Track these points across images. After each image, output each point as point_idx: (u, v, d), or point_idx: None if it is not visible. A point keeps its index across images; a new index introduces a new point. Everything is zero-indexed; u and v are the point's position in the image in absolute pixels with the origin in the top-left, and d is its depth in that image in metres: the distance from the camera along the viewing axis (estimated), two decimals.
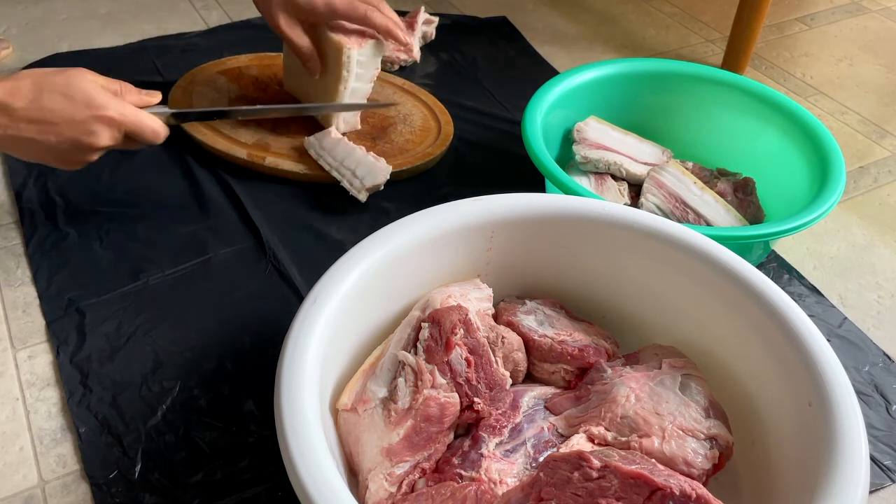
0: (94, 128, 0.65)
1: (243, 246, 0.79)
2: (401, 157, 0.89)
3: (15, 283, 0.74)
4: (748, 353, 0.57)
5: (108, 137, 0.66)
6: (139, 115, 0.68)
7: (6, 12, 1.13)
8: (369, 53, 0.84)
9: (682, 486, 0.44)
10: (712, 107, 0.89)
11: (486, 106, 1.02)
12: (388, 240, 0.58)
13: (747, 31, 1.08)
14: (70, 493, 0.58)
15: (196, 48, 1.07)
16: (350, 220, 0.83)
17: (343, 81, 0.84)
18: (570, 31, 1.21)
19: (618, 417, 0.54)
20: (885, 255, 0.85)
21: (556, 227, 0.63)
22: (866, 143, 1.02)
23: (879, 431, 0.66)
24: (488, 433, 0.55)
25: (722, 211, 0.79)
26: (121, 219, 0.80)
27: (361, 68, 0.84)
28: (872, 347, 0.74)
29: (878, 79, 1.15)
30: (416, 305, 0.60)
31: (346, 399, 0.55)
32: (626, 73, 0.90)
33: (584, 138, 0.85)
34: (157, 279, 0.74)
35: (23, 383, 0.66)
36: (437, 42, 1.13)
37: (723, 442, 0.53)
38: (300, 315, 0.52)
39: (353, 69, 0.83)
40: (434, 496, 0.50)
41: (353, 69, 0.83)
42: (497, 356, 0.58)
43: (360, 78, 0.85)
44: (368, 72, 0.86)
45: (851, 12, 1.32)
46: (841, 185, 0.74)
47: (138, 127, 0.68)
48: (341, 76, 0.84)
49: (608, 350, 0.62)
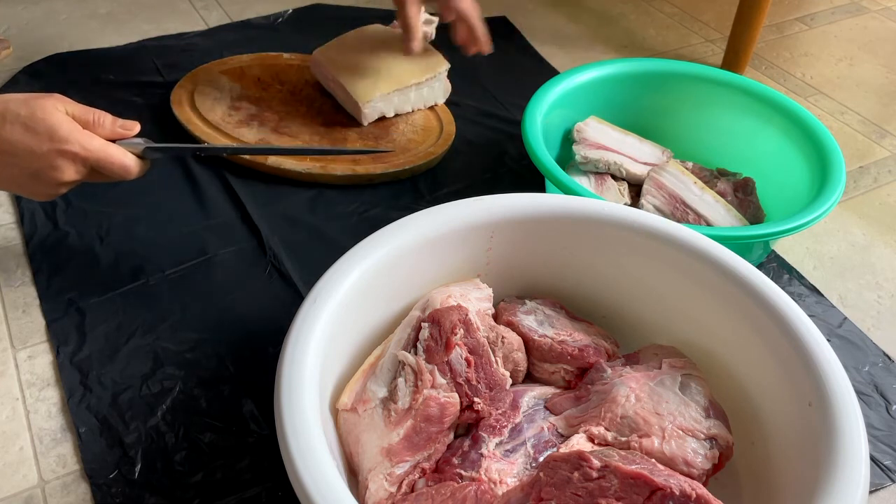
0: (57, 162, 0.62)
1: (243, 246, 0.79)
2: (403, 156, 0.89)
3: (15, 283, 0.74)
4: (748, 353, 0.57)
5: (73, 172, 0.63)
6: (107, 150, 0.64)
7: (6, 12, 1.13)
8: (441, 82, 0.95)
9: (682, 486, 0.44)
10: (712, 107, 0.89)
11: (486, 106, 1.02)
12: (388, 240, 0.58)
13: (747, 31, 1.08)
14: (70, 493, 0.58)
15: (196, 48, 1.07)
16: (350, 220, 0.83)
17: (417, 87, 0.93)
18: (570, 31, 1.21)
19: (618, 417, 0.54)
20: (885, 255, 0.85)
21: (556, 227, 0.63)
22: (866, 143, 1.02)
23: (879, 431, 0.66)
24: (488, 433, 0.55)
25: (722, 211, 0.79)
26: (121, 219, 0.80)
27: (438, 81, 0.95)
28: (872, 347, 0.74)
29: (878, 79, 1.15)
30: (416, 305, 0.60)
31: (346, 399, 0.55)
32: (626, 73, 0.90)
33: (584, 138, 0.85)
34: (157, 279, 0.74)
35: (23, 383, 0.66)
36: (437, 42, 1.13)
37: (723, 442, 0.53)
38: (300, 315, 0.52)
39: (441, 80, 0.95)
40: (434, 496, 0.50)
41: (441, 80, 0.95)
42: (497, 356, 0.58)
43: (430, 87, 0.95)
44: (435, 90, 0.96)
45: (851, 12, 1.32)
46: (841, 185, 0.74)
47: (105, 162, 0.64)
48: (423, 80, 0.93)
49: (608, 350, 0.62)
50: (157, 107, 0.95)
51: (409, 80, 0.92)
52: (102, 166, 0.64)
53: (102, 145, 0.64)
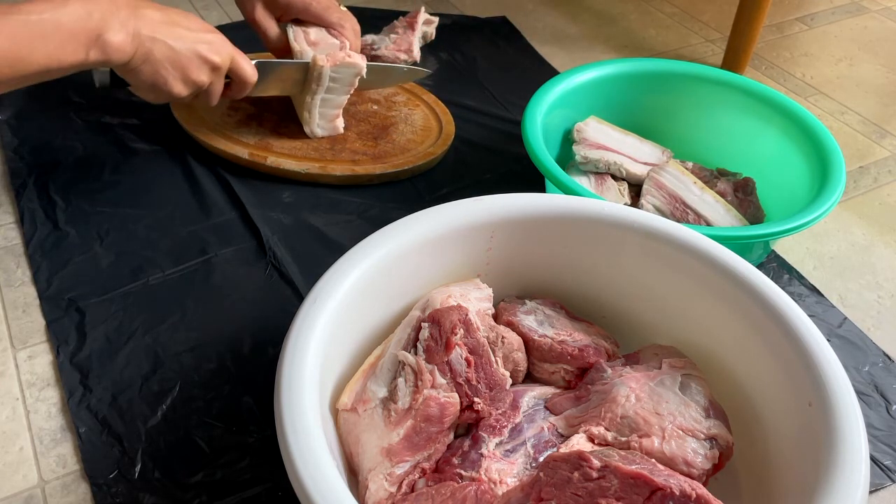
0: (214, 41, 0.72)
1: (243, 246, 0.79)
2: (402, 156, 0.89)
3: (15, 283, 0.74)
4: (748, 353, 0.57)
5: (220, 59, 0.72)
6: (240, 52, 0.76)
7: None
8: (344, 72, 0.84)
9: (682, 486, 0.44)
10: (712, 107, 0.89)
11: (486, 106, 1.02)
12: (388, 240, 0.58)
13: (747, 31, 1.08)
14: (70, 493, 0.59)
15: None
16: (350, 221, 0.83)
17: (311, 94, 0.86)
18: (570, 31, 1.21)
19: (618, 417, 0.54)
20: (885, 255, 0.85)
21: (556, 227, 0.63)
22: (866, 143, 1.02)
23: (879, 431, 0.66)
24: (488, 433, 0.55)
25: (722, 211, 0.79)
26: (121, 219, 0.80)
27: (335, 83, 0.85)
28: (872, 347, 0.74)
29: (878, 79, 1.15)
30: (416, 305, 0.60)
31: (346, 399, 0.55)
32: (626, 73, 0.89)
33: (584, 138, 0.85)
34: (157, 279, 0.74)
35: (23, 383, 0.66)
36: (437, 42, 1.13)
37: (723, 442, 0.53)
38: (300, 315, 0.52)
39: (324, 83, 0.85)
40: (434, 496, 0.50)
41: (324, 83, 0.85)
42: (497, 356, 0.58)
43: (331, 91, 0.86)
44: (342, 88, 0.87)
45: (851, 12, 1.32)
46: (841, 186, 0.74)
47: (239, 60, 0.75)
48: (310, 88, 0.85)
49: (608, 350, 0.62)
50: (156, 107, 0.95)
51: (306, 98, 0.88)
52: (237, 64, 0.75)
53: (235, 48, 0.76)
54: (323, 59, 0.83)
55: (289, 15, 0.85)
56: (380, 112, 0.96)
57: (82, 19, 0.62)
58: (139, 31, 0.66)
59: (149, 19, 0.67)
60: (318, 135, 0.90)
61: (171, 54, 0.69)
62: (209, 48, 0.71)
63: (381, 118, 0.95)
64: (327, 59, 0.83)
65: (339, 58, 0.83)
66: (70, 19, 0.61)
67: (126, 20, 0.64)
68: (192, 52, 0.70)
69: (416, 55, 1.07)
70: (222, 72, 0.75)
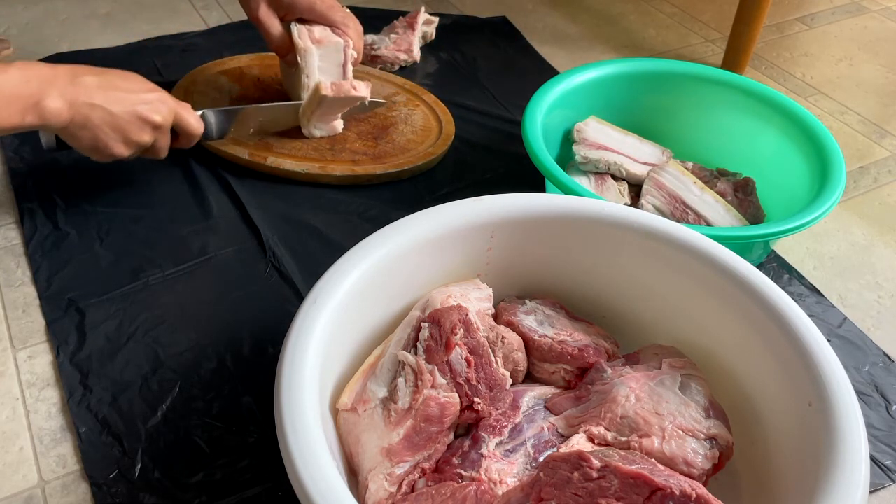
0: (154, 101, 0.72)
1: (243, 246, 0.79)
2: (402, 156, 0.89)
3: (15, 283, 0.74)
4: (748, 353, 0.57)
5: (161, 118, 0.73)
6: (184, 105, 0.77)
7: (6, 12, 1.13)
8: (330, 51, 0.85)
9: (682, 486, 0.44)
10: (712, 107, 0.89)
11: (486, 106, 1.02)
12: (388, 240, 0.58)
13: (747, 31, 1.08)
14: (70, 493, 0.58)
15: (196, 48, 1.07)
16: (350, 221, 0.83)
17: (309, 115, 0.87)
18: (570, 31, 1.21)
19: (618, 417, 0.54)
20: (885, 255, 0.85)
21: (556, 227, 0.63)
22: (866, 143, 1.02)
23: (879, 431, 0.66)
24: (488, 433, 0.55)
25: (722, 211, 0.79)
26: (121, 219, 0.80)
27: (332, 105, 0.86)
28: (872, 347, 0.74)
29: (878, 79, 1.15)
30: (416, 305, 0.60)
31: (346, 399, 0.55)
32: (626, 73, 0.89)
33: (584, 138, 0.85)
34: (157, 279, 0.74)
35: (23, 383, 0.66)
36: (437, 42, 1.13)
37: (723, 442, 0.53)
38: (300, 315, 0.52)
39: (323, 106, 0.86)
40: (434, 496, 0.50)
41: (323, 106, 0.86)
42: (497, 356, 0.58)
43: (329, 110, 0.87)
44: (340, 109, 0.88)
45: (851, 12, 1.32)
46: (841, 186, 0.74)
47: (183, 114, 0.76)
48: (309, 108, 0.87)
49: (608, 350, 0.62)
50: None
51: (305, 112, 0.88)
52: (180, 119, 0.76)
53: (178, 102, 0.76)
54: (327, 87, 0.83)
55: (292, 14, 0.85)
56: (380, 112, 0.96)
57: (21, 85, 0.64)
58: (76, 98, 0.67)
59: (86, 86, 0.68)
60: (316, 135, 0.90)
61: (109, 118, 0.70)
62: (149, 108, 0.72)
63: (381, 118, 0.95)
64: (332, 87, 0.83)
65: (345, 90, 0.84)
66: (9, 85, 0.63)
67: (64, 88, 0.67)
68: (131, 115, 0.71)
69: (416, 55, 1.07)
70: (165, 128, 0.75)
